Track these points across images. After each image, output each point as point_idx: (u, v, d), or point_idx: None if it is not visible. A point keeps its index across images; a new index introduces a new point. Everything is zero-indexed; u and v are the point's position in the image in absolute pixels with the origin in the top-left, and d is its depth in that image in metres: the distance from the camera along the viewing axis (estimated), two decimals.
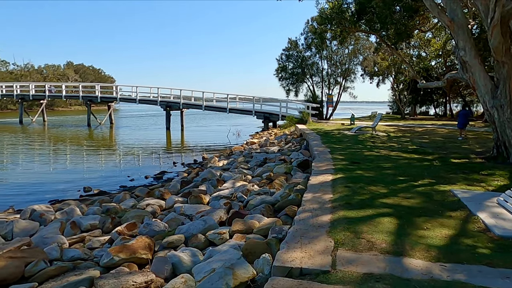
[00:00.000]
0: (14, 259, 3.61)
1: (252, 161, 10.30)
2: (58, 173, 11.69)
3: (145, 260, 3.70)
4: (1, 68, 73.24)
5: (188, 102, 27.66)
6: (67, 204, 6.62)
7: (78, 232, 4.95)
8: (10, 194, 8.83)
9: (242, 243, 3.67)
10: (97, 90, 30.71)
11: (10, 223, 5.10)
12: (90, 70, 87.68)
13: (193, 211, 5.35)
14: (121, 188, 9.25)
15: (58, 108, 67.08)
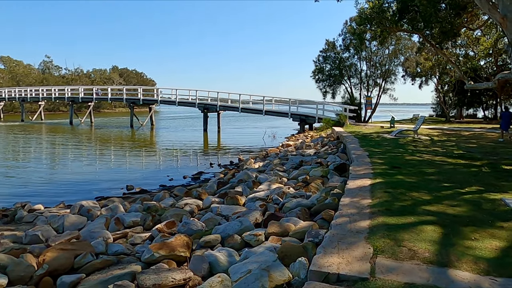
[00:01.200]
0: (64, 251, 3.87)
1: (287, 163, 10.26)
2: (103, 172, 12.38)
3: (183, 258, 3.81)
4: (54, 73, 79.06)
5: (225, 104, 28.14)
6: (112, 201, 6.99)
7: (122, 228, 5.21)
8: (61, 190, 9.48)
9: (277, 246, 3.67)
10: (140, 93, 32.18)
11: (61, 217, 5.49)
12: (133, 74, 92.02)
13: (229, 212, 5.43)
14: (160, 187, 9.60)
15: (104, 110, 71.03)
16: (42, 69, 79.80)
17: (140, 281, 3.10)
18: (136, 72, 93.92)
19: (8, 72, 70.54)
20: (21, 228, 5.64)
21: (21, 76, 69.37)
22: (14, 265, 3.56)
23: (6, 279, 3.36)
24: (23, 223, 6.11)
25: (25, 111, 40.28)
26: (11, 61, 75.38)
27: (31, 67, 77.53)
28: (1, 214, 6.81)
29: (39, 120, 39.17)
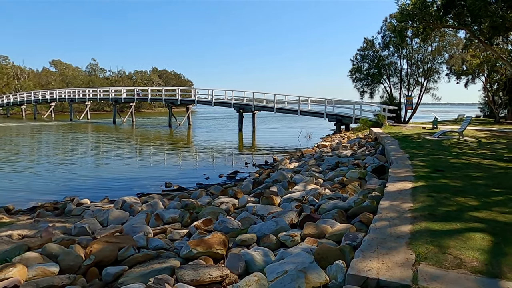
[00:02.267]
0: (109, 243, 4.08)
1: (323, 164, 10.11)
2: (143, 169, 12.91)
3: (220, 255, 3.88)
4: (99, 75, 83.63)
5: (260, 104, 28.26)
6: (152, 197, 7.27)
7: (161, 224, 5.40)
8: (105, 186, 10.01)
9: (314, 247, 3.62)
10: (178, 94, 33.17)
11: (106, 212, 5.80)
12: (172, 75, 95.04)
13: (264, 212, 5.45)
14: (197, 185, 9.84)
15: (144, 110, 74.04)
16: (88, 71, 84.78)
17: (179, 276, 3.19)
18: (175, 73, 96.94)
19: (59, 75, 75.69)
20: (70, 220, 6.03)
21: (70, 78, 74.17)
22: (64, 254, 3.81)
23: (57, 267, 3.60)
24: (72, 216, 6.53)
25: (73, 111, 43.01)
26: (61, 65, 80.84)
27: (79, 70, 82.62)
28: (53, 206, 7.33)
29: (86, 120, 41.64)
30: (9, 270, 3.27)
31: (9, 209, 7.30)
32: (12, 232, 5.14)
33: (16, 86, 65.53)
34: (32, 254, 3.80)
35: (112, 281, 3.46)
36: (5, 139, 22.92)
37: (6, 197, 8.62)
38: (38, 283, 3.21)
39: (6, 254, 4.04)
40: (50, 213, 6.70)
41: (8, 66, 71.76)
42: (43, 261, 3.73)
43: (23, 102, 46.89)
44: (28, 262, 3.61)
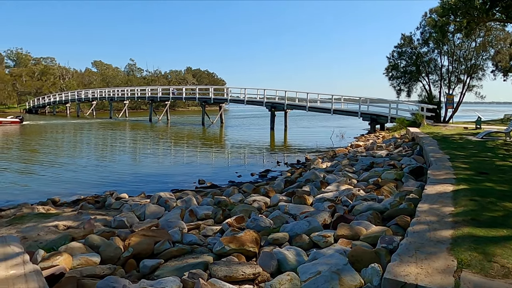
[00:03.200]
0: (146, 237, 4.23)
1: (357, 164, 9.87)
2: (177, 166, 13.27)
3: (252, 253, 3.90)
4: (137, 74, 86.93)
5: (292, 103, 28.08)
6: (186, 193, 7.46)
7: (195, 219, 5.53)
8: (141, 181, 10.40)
9: (347, 249, 3.55)
10: (211, 92, 33.76)
11: (143, 206, 6.03)
12: (205, 74, 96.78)
13: (297, 211, 5.41)
14: (229, 183, 9.97)
15: (178, 108, 76.00)
16: (127, 71, 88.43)
17: (213, 271, 3.25)
18: (208, 72, 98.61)
19: (100, 75, 79.51)
20: (110, 213, 6.34)
21: (110, 78, 77.71)
22: (105, 246, 4.01)
23: (99, 257, 3.79)
24: (112, 209, 6.85)
25: (113, 109, 45.05)
26: (102, 65, 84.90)
27: (118, 70, 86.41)
28: (94, 200, 7.73)
29: (124, 118, 43.47)
30: (56, 258, 3.50)
31: (55, 201, 7.80)
32: (58, 222, 5.48)
33: (62, 85, 69.72)
34: (76, 244, 4.03)
35: (149, 273, 3.59)
36: (51, 136, 24.46)
37: (52, 190, 9.22)
38: (82, 271, 3.41)
39: (53, 243, 4.32)
40: (91, 206, 7.08)
41: (54, 67, 76.54)
42: (86, 251, 3.95)
43: (67, 100, 49.83)
44: (72, 251, 3.83)
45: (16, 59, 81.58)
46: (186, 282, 3.10)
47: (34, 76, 71.76)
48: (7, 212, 6.55)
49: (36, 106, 55.46)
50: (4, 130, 27.63)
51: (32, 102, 56.64)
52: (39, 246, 4.27)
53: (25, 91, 67.61)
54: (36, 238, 4.78)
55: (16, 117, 33.49)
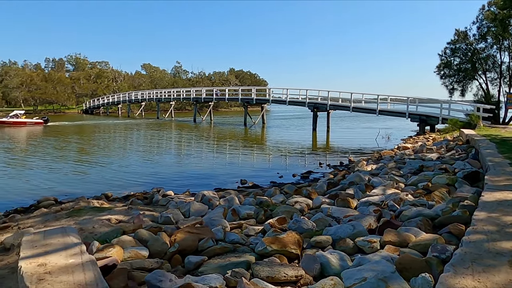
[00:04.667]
0: (191, 234, 4.37)
1: (405, 167, 9.41)
2: (220, 165, 13.56)
3: (294, 255, 3.87)
4: (182, 76, 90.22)
5: (335, 103, 27.50)
6: (228, 193, 7.60)
7: (237, 219, 5.60)
8: (186, 179, 10.77)
9: (395, 256, 3.40)
10: (253, 93, 34.09)
11: (188, 204, 6.24)
12: (248, 75, 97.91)
13: (340, 214, 5.29)
14: (271, 184, 9.99)
15: (221, 109, 77.63)
16: (173, 73, 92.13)
17: (255, 271, 3.27)
18: (250, 73, 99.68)
19: (148, 77, 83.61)
20: (157, 209, 6.63)
21: (157, 80, 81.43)
22: (153, 240, 4.20)
23: (147, 251, 3.98)
24: (159, 205, 7.17)
25: (160, 109, 47.14)
26: (150, 68, 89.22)
27: (165, 72, 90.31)
28: (142, 196, 8.14)
29: (170, 118, 45.30)
30: (109, 250, 3.73)
31: (108, 196, 8.33)
32: (111, 216, 5.84)
33: (114, 87, 74.39)
34: (127, 237, 4.27)
35: (193, 269, 3.70)
36: (103, 136, 26.17)
37: (105, 186, 9.86)
38: (132, 264, 3.60)
39: (106, 235, 4.61)
40: (140, 202, 7.46)
41: (108, 70, 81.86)
42: (136, 244, 4.16)
43: (119, 102, 53.06)
44: (123, 244, 4.06)
45: (75, 63, 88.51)
46: (229, 280, 3.15)
47: (90, 79, 77.33)
48: (67, 205, 7.11)
49: (91, 107, 59.74)
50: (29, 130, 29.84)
51: (88, 103, 61.09)
52: (94, 237, 4.58)
53: (82, 93, 73.03)
54: (92, 230, 5.14)
55: (41, 119, 35.79)
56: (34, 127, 32.61)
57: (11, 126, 32.59)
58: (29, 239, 3.95)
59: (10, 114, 35.08)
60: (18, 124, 33.27)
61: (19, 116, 34.25)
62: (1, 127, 31.67)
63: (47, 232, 4.19)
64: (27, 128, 32.21)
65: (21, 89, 69.27)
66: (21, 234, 4.80)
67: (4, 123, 33.17)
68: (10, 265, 4.19)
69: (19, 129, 31.15)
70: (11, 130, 29.44)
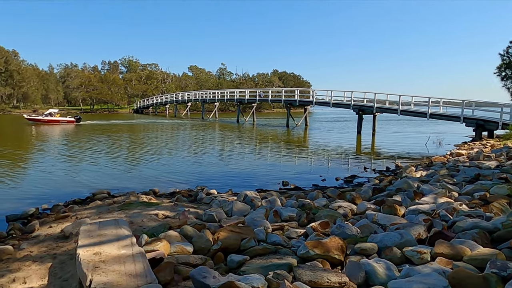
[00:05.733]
0: (233, 233, 4.43)
1: (458, 175, 8.81)
2: (262, 166, 13.61)
3: (337, 260, 3.78)
4: (227, 78, 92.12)
5: (382, 106, 26.44)
6: (270, 194, 7.61)
7: (279, 220, 5.60)
8: (228, 179, 10.95)
9: (447, 270, 3.19)
10: (296, 95, 33.85)
11: (230, 203, 6.35)
12: (291, 77, 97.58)
13: (386, 221, 5.07)
14: (313, 186, 9.84)
15: (264, 110, 78.10)
16: (218, 75, 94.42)
17: (297, 274, 3.25)
18: (294, 74, 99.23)
19: (195, 78, 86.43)
20: (201, 207, 6.83)
21: (203, 81, 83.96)
22: (197, 237, 4.33)
23: (192, 247, 4.11)
24: (203, 203, 7.37)
25: (204, 110, 48.51)
26: (197, 69, 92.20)
27: (210, 74, 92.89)
28: (187, 193, 8.43)
29: (214, 118, 46.45)
30: (157, 244, 3.90)
31: (155, 192, 8.73)
32: (158, 212, 6.11)
33: (163, 88, 77.89)
34: (173, 233, 4.44)
35: (235, 268, 3.75)
36: (151, 135, 27.47)
37: (153, 181, 10.34)
38: (178, 258, 3.73)
39: (154, 229, 4.83)
40: (185, 199, 7.72)
41: (157, 72, 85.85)
42: (181, 240, 4.32)
43: (167, 102, 55.48)
44: (170, 239, 4.23)
45: (128, 66, 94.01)
46: (271, 282, 3.15)
47: (141, 80, 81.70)
48: (118, 199, 7.56)
49: (141, 107, 63.08)
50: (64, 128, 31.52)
51: (139, 103, 64.57)
52: (143, 231, 4.82)
53: (134, 94, 77.40)
54: (141, 224, 5.41)
55: (74, 117, 37.57)
56: (67, 125, 34.49)
57: (46, 123, 34.54)
58: (86, 229, 4.26)
59: (46, 113, 37.11)
60: (52, 122, 35.08)
61: (54, 114, 36.19)
62: (37, 125, 33.93)
63: (102, 223, 4.49)
64: (61, 126, 33.91)
65: (80, 90, 75.01)
66: (78, 224, 5.19)
67: (40, 121, 35.33)
68: (69, 251, 4.54)
69: (54, 127, 32.86)
70: (46, 128, 31.37)
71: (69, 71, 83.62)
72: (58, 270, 3.99)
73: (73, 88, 75.95)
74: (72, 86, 76.26)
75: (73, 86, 76.09)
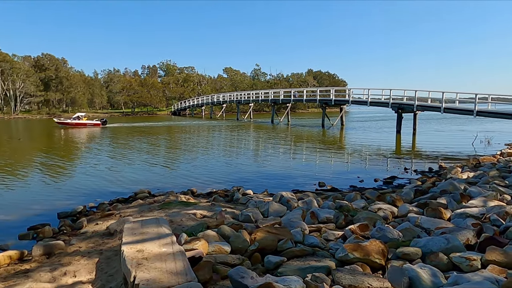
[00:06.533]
0: (270, 233, 4.43)
1: (510, 177, 8.20)
2: (297, 166, 13.50)
3: (378, 265, 3.66)
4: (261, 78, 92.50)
5: (423, 103, 25.19)
6: (307, 195, 7.52)
7: (316, 222, 5.51)
8: (264, 179, 10.96)
9: (501, 279, 2.97)
10: (332, 94, 33.23)
11: (266, 204, 6.35)
12: (326, 76, 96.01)
13: (430, 225, 4.82)
14: (351, 188, 9.60)
15: (299, 110, 77.44)
16: (252, 76, 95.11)
17: (336, 277, 3.18)
18: (329, 73, 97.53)
19: (229, 80, 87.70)
20: (238, 207, 6.89)
21: (237, 83, 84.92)
22: (234, 237, 4.37)
23: (229, 247, 4.16)
24: (239, 203, 7.44)
25: (239, 111, 49.03)
26: (231, 71, 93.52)
27: (245, 75, 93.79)
28: (224, 193, 8.55)
29: (249, 119, 46.78)
30: (196, 243, 3.99)
31: (193, 192, 8.95)
32: (196, 211, 6.26)
33: (199, 90, 79.78)
34: (211, 232, 4.52)
35: (272, 269, 3.75)
36: (188, 136, 28.20)
37: (190, 181, 10.61)
38: (216, 258, 3.79)
39: (192, 229, 4.95)
40: (222, 199, 7.84)
41: (194, 75, 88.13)
42: (219, 239, 4.38)
43: (202, 104, 56.75)
44: (208, 238, 4.31)
45: (166, 69, 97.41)
46: (309, 284, 3.11)
47: (178, 83, 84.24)
48: (158, 198, 7.84)
49: (179, 109, 65.05)
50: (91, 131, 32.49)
51: (176, 105, 66.64)
52: (182, 230, 4.95)
53: (171, 96, 79.97)
54: (180, 223, 5.57)
55: (100, 120, 38.66)
56: (93, 128, 35.61)
57: (73, 126, 35.94)
58: (130, 226, 4.45)
59: (73, 116, 38.69)
60: (80, 125, 36.38)
61: (81, 118, 37.53)
62: (66, 128, 35.49)
63: (144, 221, 4.67)
64: (88, 129, 35.02)
65: (122, 93, 78.78)
66: (122, 222, 5.44)
67: (68, 124, 36.91)
68: (114, 248, 4.77)
69: (81, 129, 34.02)
70: (74, 131, 32.61)
71: (112, 76, 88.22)
72: (104, 265, 4.20)
73: (116, 92, 79.96)
74: (114, 90, 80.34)
75: (115, 90, 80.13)
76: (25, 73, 67.92)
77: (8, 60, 67.71)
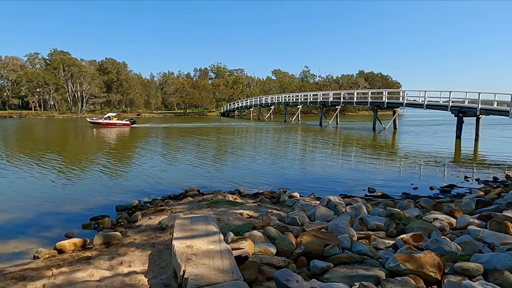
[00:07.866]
0: (317, 238, 4.36)
1: None
2: (346, 171, 13.12)
3: (433, 278, 3.44)
4: (310, 80, 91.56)
5: (488, 107, 23.20)
6: (355, 200, 7.29)
7: (365, 229, 5.32)
8: (311, 182, 10.81)
9: None
10: (384, 96, 31.88)
11: (313, 207, 6.26)
12: (378, 77, 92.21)
13: (495, 240, 4.42)
14: (403, 195, 9.12)
15: (348, 112, 75.40)
16: (301, 78, 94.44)
17: None
18: (381, 75, 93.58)
19: (278, 82, 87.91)
20: (284, 209, 6.88)
21: (286, 85, 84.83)
22: (280, 239, 4.37)
23: (275, 249, 4.17)
24: (285, 206, 7.43)
25: (287, 113, 48.91)
26: (280, 73, 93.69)
27: (293, 77, 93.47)
28: (270, 195, 8.58)
29: (297, 121, 46.47)
30: (242, 242, 4.06)
31: (240, 192, 9.10)
32: (243, 211, 6.36)
33: (247, 92, 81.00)
34: (257, 233, 4.56)
35: (318, 274, 3.69)
36: (236, 138, 28.72)
37: (237, 182, 10.80)
38: (262, 258, 3.82)
39: (239, 228, 5.03)
40: (268, 200, 7.88)
41: (243, 77, 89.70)
42: (265, 240, 4.41)
43: (251, 105, 57.54)
44: (254, 238, 4.35)
45: (216, 71, 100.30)
46: None
47: (228, 85, 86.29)
48: (207, 196, 8.09)
49: (228, 110, 66.60)
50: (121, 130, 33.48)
51: (225, 107, 68.31)
52: (229, 228, 5.06)
53: (221, 98, 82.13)
54: (227, 222, 5.70)
55: (129, 120, 39.93)
56: (123, 128, 37.04)
57: (104, 126, 37.53)
58: (180, 222, 4.65)
59: (104, 116, 40.57)
60: (110, 125, 38.00)
61: (111, 118, 39.25)
62: (97, 127, 37.20)
63: (193, 218, 4.86)
64: (118, 128, 36.48)
65: (175, 95, 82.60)
66: (173, 218, 5.70)
67: (100, 123, 38.70)
68: (165, 242, 5.02)
69: (111, 129, 35.42)
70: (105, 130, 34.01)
71: (167, 78, 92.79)
72: (157, 258, 4.43)
73: (170, 93, 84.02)
74: (168, 92, 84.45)
75: (169, 92, 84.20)
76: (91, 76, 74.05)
77: (77, 64, 74.31)
